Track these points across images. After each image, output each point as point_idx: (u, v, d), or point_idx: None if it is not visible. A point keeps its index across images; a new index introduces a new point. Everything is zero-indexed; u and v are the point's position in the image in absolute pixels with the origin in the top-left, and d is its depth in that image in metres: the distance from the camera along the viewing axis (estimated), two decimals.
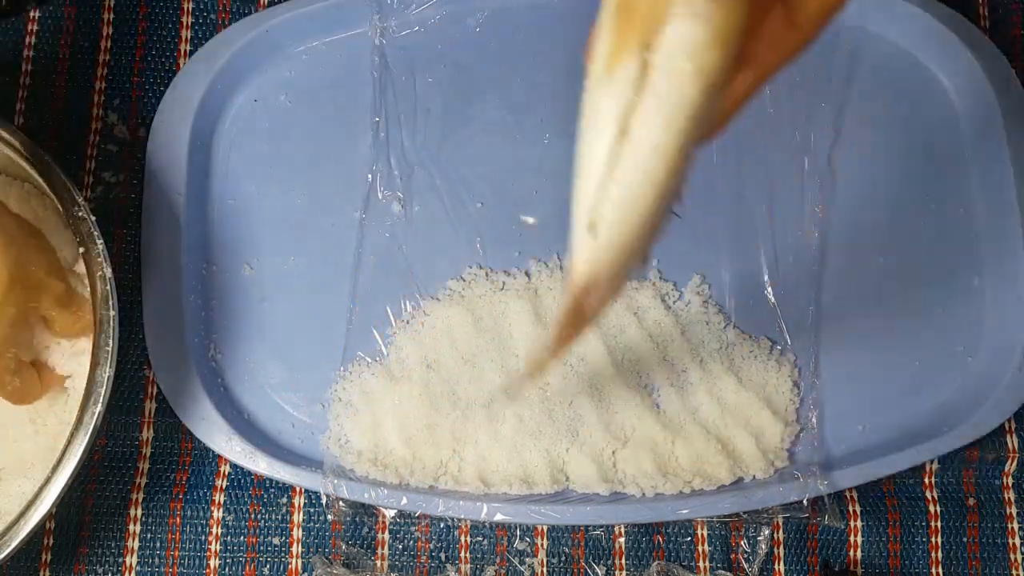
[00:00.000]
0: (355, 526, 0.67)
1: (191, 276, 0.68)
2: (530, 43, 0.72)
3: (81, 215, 0.60)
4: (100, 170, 0.71)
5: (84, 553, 0.67)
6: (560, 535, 0.67)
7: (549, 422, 0.67)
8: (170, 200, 0.68)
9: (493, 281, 0.69)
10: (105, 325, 0.59)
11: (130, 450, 0.68)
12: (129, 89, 0.72)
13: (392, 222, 0.70)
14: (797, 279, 0.70)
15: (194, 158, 0.69)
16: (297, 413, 0.68)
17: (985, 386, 0.68)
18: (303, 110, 0.72)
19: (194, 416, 0.66)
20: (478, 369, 0.68)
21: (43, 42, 0.72)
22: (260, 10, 0.72)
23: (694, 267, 0.70)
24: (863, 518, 0.68)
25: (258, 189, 0.71)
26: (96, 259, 0.60)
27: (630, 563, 0.67)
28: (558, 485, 0.66)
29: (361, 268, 0.69)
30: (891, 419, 0.69)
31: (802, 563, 0.68)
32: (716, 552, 0.67)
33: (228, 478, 0.68)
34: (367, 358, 0.68)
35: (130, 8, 0.73)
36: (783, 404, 0.68)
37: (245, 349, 0.69)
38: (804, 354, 0.69)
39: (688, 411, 0.68)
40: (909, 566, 0.68)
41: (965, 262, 0.71)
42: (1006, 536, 0.69)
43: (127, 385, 0.68)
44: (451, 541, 0.67)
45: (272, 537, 0.67)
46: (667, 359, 0.68)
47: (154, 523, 0.67)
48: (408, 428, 0.67)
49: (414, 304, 0.69)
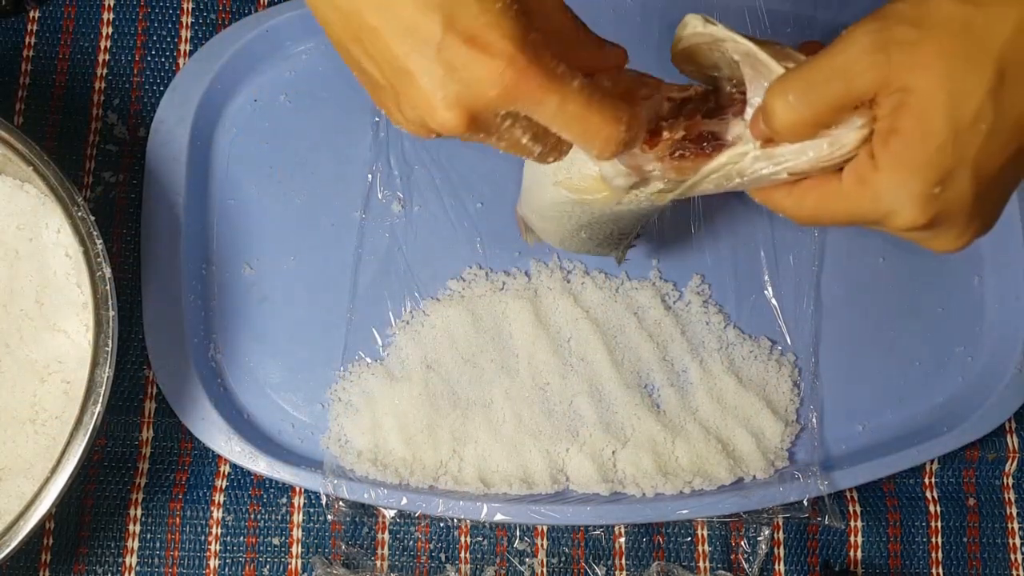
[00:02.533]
0: (355, 526, 0.67)
1: (191, 276, 0.68)
2: None
3: (81, 215, 0.60)
4: (100, 170, 0.71)
5: (84, 553, 0.67)
6: (560, 535, 0.67)
7: (549, 422, 0.67)
8: (170, 200, 0.68)
9: (493, 281, 0.69)
10: (105, 325, 0.59)
11: (130, 450, 0.68)
12: (129, 89, 0.72)
13: (392, 222, 0.70)
14: (797, 279, 0.70)
15: (194, 158, 0.69)
16: (297, 413, 0.68)
17: (985, 386, 0.69)
18: (303, 110, 0.72)
19: (194, 416, 0.66)
20: (478, 369, 0.68)
21: (43, 42, 0.72)
22: (260, 10, 0.72)
23: (694, 267, 0.70)
24: (863, 518, 0.68)
25: (258, 189, 0.71)
26: (96, 259, 0.60)
27: (630, 563, 0.67)
28: (558, 485, 0.66)
29: (361, 268, 0.69)
30: (891, 419, 0.69)
31: (802, 563, 0.68)
32: (716, 552, 0.67)
33: (228, 478, 0.67)
34: (367, 358, 0.68)
35: (130, 8, 0.73)
36: (783, 404, 0.68)
37: (245, 349, 0.69)
38: (804, 354, 0.69)
39: (688, 411, 0.68)
40: (909, 566, 0.68)
41: (965, 262, 0.71)
42: (1006, 536, 0.69)
43: (127, 385, 0.68)
44: (451, 541, 0.67)
45: (272, 537, 0.67)
46: (667, 359, 0.68)
47: (154, 523, 0.67)
48: (408, 428, 0.67)
49: (414, 304, 0.69)
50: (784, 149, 0.46)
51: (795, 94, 0.43)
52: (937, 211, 0.43)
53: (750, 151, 0.47)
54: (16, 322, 0.64)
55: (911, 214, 0.43)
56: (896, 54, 0.41)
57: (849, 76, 0.42)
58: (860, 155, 0.44)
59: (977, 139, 0.41)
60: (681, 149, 0.48)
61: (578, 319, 0.68)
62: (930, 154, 0.41)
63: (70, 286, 0.64)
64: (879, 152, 0.43)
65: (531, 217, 0.61)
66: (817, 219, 0.47)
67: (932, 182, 0.42)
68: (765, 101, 0.45)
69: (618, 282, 0.69)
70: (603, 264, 0.69)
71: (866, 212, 0.44)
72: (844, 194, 0.45)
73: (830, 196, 0.45)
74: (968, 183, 0.42)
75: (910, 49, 0.41)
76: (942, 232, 0.45)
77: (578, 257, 0.69)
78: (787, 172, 0.46)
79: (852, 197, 0.44)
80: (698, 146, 0.48)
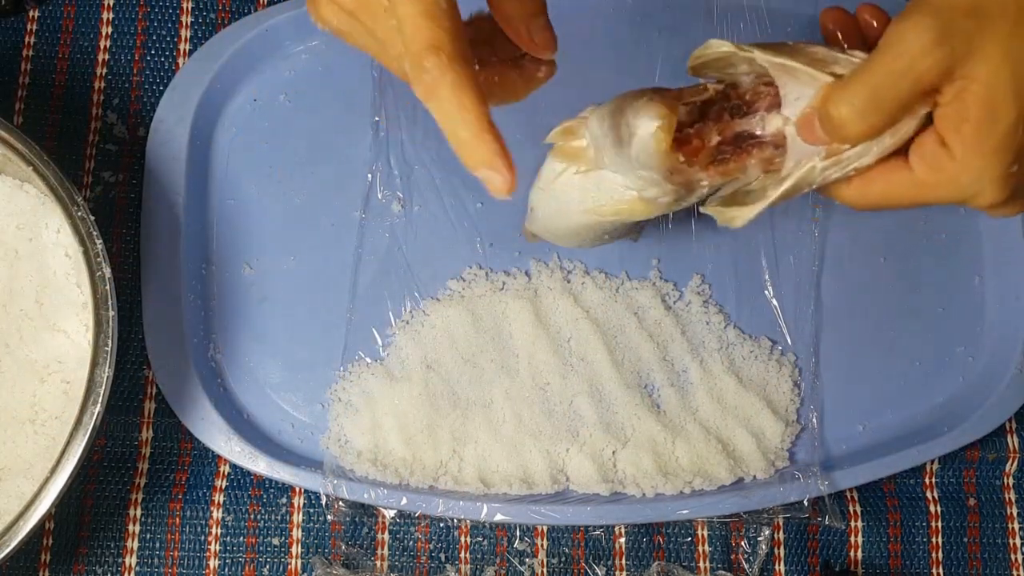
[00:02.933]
0: (355, 526, 0.67)
1: (191, 276, 0.68)
2: None
3: (80, 215, 0.60)
4: (99, 170, 0.71)
5: (83, 553, 0.67)
6: (560, 535, 0.67)
7: (549, 422, 0.67)
8: (170, 200, 0.68)
9: (493, 281, 0.69)
10: (104, 325, 0.59)
11: (129, 450, 0.68)
12: (129, 89, 0.72)
13: (392, 222, 0.70)
14: (797, 279, 0.70)
15: (194, 158, 0.69)
16: (297, 413, 0.68)
17: (985, 386, 0.69)
18: (303, 110, 0.72)
19: (194, 416, 0.66)
20: (478, 369, 0.68)
21: (42, 42, 0.72)
22: (260, 10, 0.72)
23: (694, 267, 0.70)
24: (863, 518, 0.68)
25: (258, 189, 0.71)
26: (96, 259, 0.60)
27: (630, 563, 0.67)
28: (558, 485, 0.66)
29: (361, 268, 0.69)
30: (891, 419, 0.69)
31: (802, 563, 0.68)
32: (716, 552, 0.67)
33: (228, 478, 0.67)
34: (367, 358, 0.68)
35: (130, 8, 0.73)
36: (783, 404, 0.68)
37: (245, 349, 0.69)
38: (804, 354, 0.69)
39: (688, 411, 0.67)
40: (909, 566, 0.68)
41: (965, 262, 0.71)
42: (1006, 536, 0.69)
43: (126, 385, 0.68)
44: (451, 541, 0.67)
45: (272, 537, 0.67)
46: (667, 359, 0.68)
47: (153, 523, 0.67)
48: (408, 428, 0.66)
49: (414, 304, 0.69)
50: (850, 152, 0.46)
51: (863, 101, 0.44)
52: (1015, 186, 0.45)
53: (816, 163, 0.47)
54: (16, 322, 0.64)
55: (993, 194, 0.44)
56: (960, 45, 0.42)
57: (915, 75, 0.43)
58: (927, 143, 0.45)
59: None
60: (720, 154, 0.48)
61: (578, 319, 0.68)
62: (1002, 136, 0.43)
63: (70, 286, 0.64)
64: (952, 139, 0.44)
65: (547, 236, 0.60)
66: (883, 206, 0.48)
67: (1008, 162, 0.43)
68: (827, 111, 0.45)
69: (618, 282, 0.69)
70: (603, 264, 0.69)
71: (944, 196, 0.46)
72: (918, 182, 0.46)
73: (900, 184, 0.46)
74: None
75: (970, 38, 0.42)
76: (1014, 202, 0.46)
77: (578, 257, 0.69)
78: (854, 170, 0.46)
79: (928, 184, 0.45)
80: (736, 146, 0.48)
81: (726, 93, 0.49)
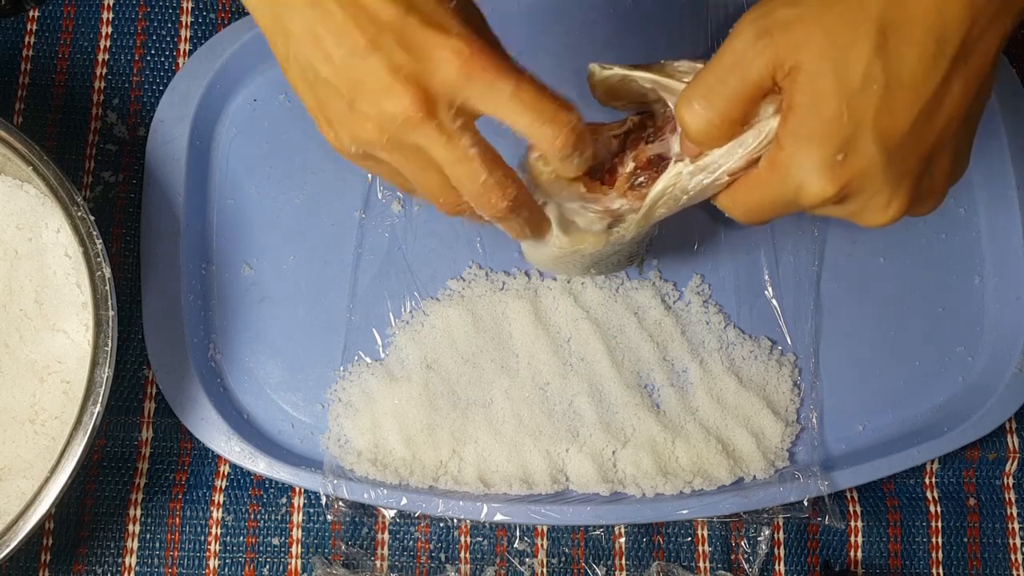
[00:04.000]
0: (355, 526, 0.67)
1: (191, 276, 0.68)
2: (528, 43, 0.72)
3: (80, 215, 0.60)
4: (99, 170, 0.71)
5: (83, 553, 0.67)
6: (560, 535, 0.67)
7: (549, 422, 0.67)
8: (169, 200, 0.68)
9: (493, 281, 0.69)
10: (104, 325, 0.59)
11: (129, 450, 0.68)
12: (128, 88, 0.72)
13: (392, 222, 0.70)
14: (797, 279, 0.70)
15: (193, 158, 0.69)
16: (297, 413, 0.68)
17: (985, 386, 0.69)
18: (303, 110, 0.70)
19: (193, 416, 0.66)
20: (478, 369, 0.68)
21: (42, 42, 0.72)
22: None
23: (694, 267, 0.70)
24: (863, 518, 0.68)
25: (258, 189, 0.71)
26: (95, 259, 0.60)
27: (630, 563, 0.67)
28: (558, 485, 0.66)
29: (361, 268, 0.69)
30: (891, 419, 0.69)
31: (802, 563, 0.68)
32: (716, 552, 0.67)
33: (227, 478, 0.67)
34: (367, 358, 0.68)
35: (130, 8, 0.73)
36: (783, 404, 0.68)
37: (245, 349, 0.69)
38: (804, 354, 0.69)
39: (688, 411, 0.68)
40: (909, 566, 0.68)
41: (965, 262, 0.71)
42: (1006, 536, 0.69)
43: (126, 385, 0.68)
44: (451, 541, 0.67)
45: (271, 537, 0.67)
46: (667, 359, 0.68)
47: (153, 523, 0.67)
48: (408, 428, 0.66)
49: (414, 304, 0.69)
50: (713, 155, 0.46)
51: (699, 101, 0.44)
52: (846, 179, 0.43)
53: (683, 169, 0.47)
54: (16, 322, 0.64)
55: (818, 184, 0.43)
56: (779, 35, 0.42)
57: (741, 68, 0.42)
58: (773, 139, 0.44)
59: (872, 101, 0.41)
60: (638, 179, 0.50)
61: (578, 319, 0.68)
62: (825, 122, 0.42)
63: (70, 286, 0.64)
64: (780, 131, 0.43)
65: (539, 266, 0.63)
66: (750, 213, 0.47)
67: (832, 150, 0.42)
68: (676, 116, 0.45)
69: (618, 282, 0.69)
70: None
71: (780, 193, 0.45)
72: (761, 181, 0.45)
73: (752, 186, 0.46)
74: (874, 146, 0.42)
75: (791, 27, 0.41)
76: (864, 203, 0.44)
77: None
78: (727, 175, 0.46)
79: (767, 181, 0.45)
80: (652, 171, 0.50)
81: (643, 122, 0.51)
